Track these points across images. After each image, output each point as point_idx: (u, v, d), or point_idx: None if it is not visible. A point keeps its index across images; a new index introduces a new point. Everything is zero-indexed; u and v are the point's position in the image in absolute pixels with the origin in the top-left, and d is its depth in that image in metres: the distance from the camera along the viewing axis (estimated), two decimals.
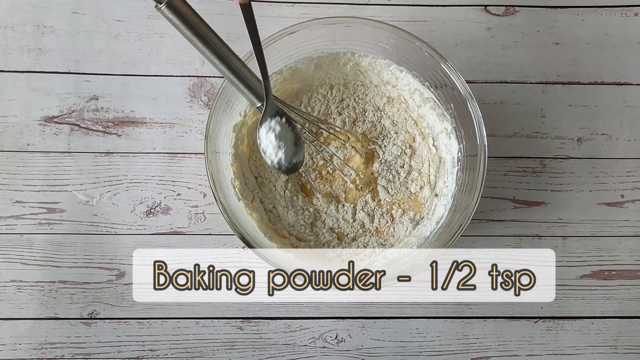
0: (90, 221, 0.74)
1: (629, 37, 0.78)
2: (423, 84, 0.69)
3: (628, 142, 0.77)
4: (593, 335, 0.75)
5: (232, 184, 0.67)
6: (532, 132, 0.77)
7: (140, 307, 0.73)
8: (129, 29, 0.76)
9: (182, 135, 0.75)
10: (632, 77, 0.78)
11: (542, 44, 0.78)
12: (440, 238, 0.64)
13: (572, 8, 0.78)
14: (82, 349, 0.72)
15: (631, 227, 0.76)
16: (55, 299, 0.73)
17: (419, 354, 0.74)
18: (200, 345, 0.73)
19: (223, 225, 0.74)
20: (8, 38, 0.75)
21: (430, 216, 0.70)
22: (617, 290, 0.76)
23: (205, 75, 0.76)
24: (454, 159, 0.68)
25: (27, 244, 0.73)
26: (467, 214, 0.62)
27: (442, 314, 0.75)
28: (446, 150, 0.70)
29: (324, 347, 0.74)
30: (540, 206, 0.76)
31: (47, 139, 0.74)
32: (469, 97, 0.64)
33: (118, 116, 0.75)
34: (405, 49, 0.66)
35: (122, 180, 0.74)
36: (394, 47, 0.67)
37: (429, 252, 0.63)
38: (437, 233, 0.66)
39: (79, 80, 0.75)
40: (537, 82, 0.77)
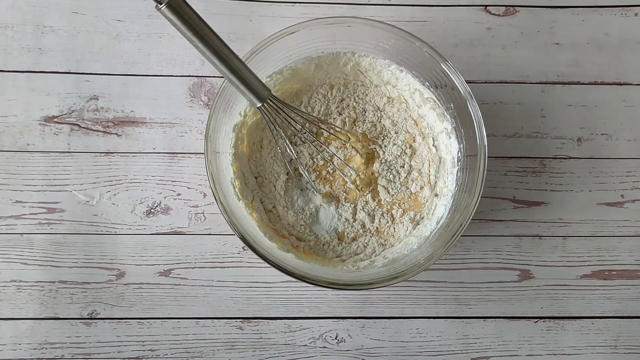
0: (90, 221, 0.74)
1: (629, 37, 0.78)
2: (423, 84, 0.69)
3: (628, 142, 0.77)
4: (593, 335, 0.75)
5: (232, 183, 0.67)
6: (532, 132, 0.77)
7: (140, 307, 0.73)
8: (129, 29, 0.76)
9: (182, 135, 0.75)
10: (632, 77, 0.78)
11: (542, 44, 0.78)
12: (441, 238, 0.64)
13: (572, 8, 0.78)
14: (82, 349, 0.72)
15: (631, 227, 0.76)
16: (55, 299, 0.73)
17: (419, 354, 0.74)
18: (200, 345, 0.73)
19: (223, 225, 0.74)
20: (8, 38, 0.75)
21: (430, 216, 0.70)
22: (617, 290, 0.76)
23: (205, 75, 0.76)
24: (454, 159, 0.68)
25: (27, 244, 0.73)
26: (467, 214, 0.62)
27: (442, 314, 0.75)
28: (446, 150, 0.70)
29: (324, 347, 0.74)
30: (540, 206, 0.76)
31: (47, 139, 0.74)
32: (469, 97, 0.64)
33: (118, 116, 0.75)
34: (405, 49, 0.66)
35: (122, 180, 0.74)
36: (394, 47, 0.67)
37: (429, 252, 0.63)
38: (437, 233, 0.66)
39: (79, 80, 0.75)
40: (537, 82, 0.77)
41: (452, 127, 0.68)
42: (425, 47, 0.64)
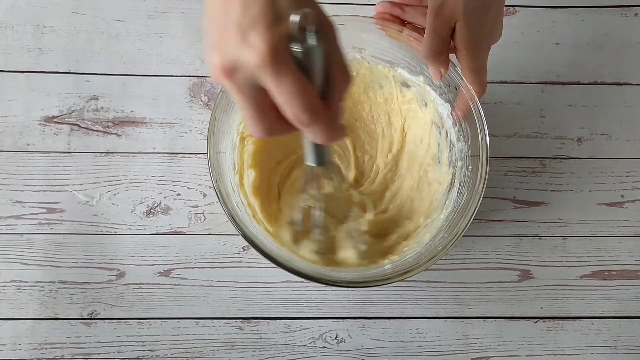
0: (90, 221, 0.74)
1: (629, 37, 0.78)
2: (428, 84, 0.68)
3: (628, 142, 0.77)
4: (593, 335, 0.75)
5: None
6: (532, 132, 0.77)
7: (140, 307, 0.73)
8: (129, 29, 0.76)
9: (182, 135, 0.75)
10: (632, 77, 0.78)
11: (542, 44, 0.78)
12: (442, 239, 0.64)
13: (572, 8, 0.78)
14: (82, 349, 0.72)
15: (631, 227, 0.76)
16: (55, 299, 0.73)
17: (419, 354, 0.74)
18: (200, 345, 0.73)
19: (223, 226, 0.74)
20: (8, 38, 0.75)
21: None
22: (617, 291, 0.76)
23: (205, 75, 0.76)
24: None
25: (27, 244, 0.73)
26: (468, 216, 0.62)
27: (442, 314, 0.75)
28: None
29: (324, 347, 0.74)
30: (540, 206, 0.76)
31: (47, 139, 0.74)
32: (473, 97, 0.63)
33: (118, 116, 0.75)
34: (407, 49, 0.66)
35: (122, 180, 0.74)
36: (397, 48, 0.67)
37: (430, 252, 0.63)
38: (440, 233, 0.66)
39: (79, 80, 0.75)
40: (537, 82, 0.77)
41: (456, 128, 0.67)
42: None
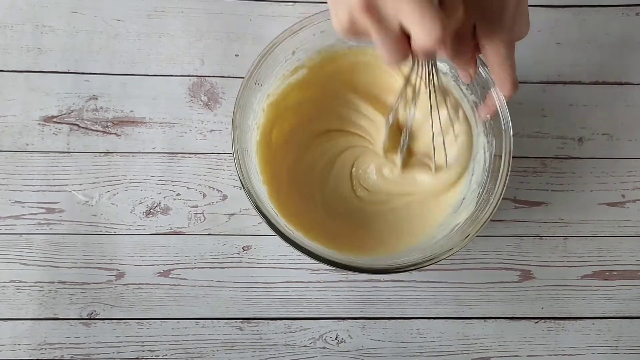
0: (89, 221, 0.74)
1: (630, 37, 0.78)
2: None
3: (629, 142, 0.77)
4: (594, 335, 0.75)
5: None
6: (533, 131, 0.77)
7: (139, 308, 0.73)
8: (128, 28, 0.76)
9: (182, 135, 0.75)
10: (634, 77, 0.78)
11: (543, 44, 0.78)
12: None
13: (573, 8, 0.78)
14: (81, 349, 0.72)
15: (632, 227, 0.76)
16: (54, 299, 0.73)
17: (420, 354, 0.74)
18: (200, 345, 0.73)
19: (223, 225, 0.74)
20: (7, 38, 0.75)
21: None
22: (618, 291, 0.75)
23: (205, 75, 0.76)
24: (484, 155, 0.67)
25: (26, 244, 0.73)
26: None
27: (442, 315, 0.75)
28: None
29: (324, 347, 0.73)
30: (541, 206, 0.76)
31: (46, 139, 0.74)
32: (500, 98, 0.62)
33: (117, 116, 0.75)
34: None
35: (121, 180, 0.74)
36: None
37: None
38: (460, 228, 0.65)
39: (78, 80, 0.75)
40: (538, 81, 0.77)
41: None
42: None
